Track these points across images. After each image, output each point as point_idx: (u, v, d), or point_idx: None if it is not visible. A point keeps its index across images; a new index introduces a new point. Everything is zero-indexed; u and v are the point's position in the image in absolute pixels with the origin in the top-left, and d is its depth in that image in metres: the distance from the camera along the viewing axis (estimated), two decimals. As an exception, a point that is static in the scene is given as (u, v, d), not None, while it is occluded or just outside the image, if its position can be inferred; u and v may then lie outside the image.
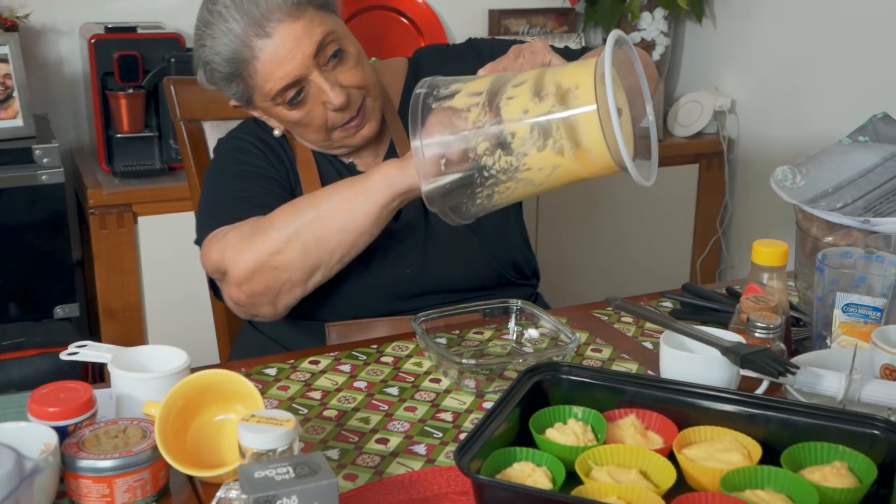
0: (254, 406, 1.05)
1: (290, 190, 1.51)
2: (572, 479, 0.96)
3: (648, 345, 1.39)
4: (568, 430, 1.02)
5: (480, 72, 1.29)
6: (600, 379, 1.08)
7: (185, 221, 2.29)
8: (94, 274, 2.31)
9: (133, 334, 2.34)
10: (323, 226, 1.30)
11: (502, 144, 1.14)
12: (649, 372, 1.30)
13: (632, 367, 1.32)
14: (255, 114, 1.51)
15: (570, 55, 1.56)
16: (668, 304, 1.54)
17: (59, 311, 2.30)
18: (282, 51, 1.35)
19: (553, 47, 1.49)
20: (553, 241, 2.76)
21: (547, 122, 1.11)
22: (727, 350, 1.07)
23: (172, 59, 2.31)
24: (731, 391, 1.04)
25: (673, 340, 1.15)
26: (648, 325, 1.46)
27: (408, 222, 1.51)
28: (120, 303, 2.33)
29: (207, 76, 1.44)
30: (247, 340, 1.61)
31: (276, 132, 1.53)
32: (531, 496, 0.89)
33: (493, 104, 1.15)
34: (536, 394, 1.07)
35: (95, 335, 2.41)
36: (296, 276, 1.32)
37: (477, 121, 1.15)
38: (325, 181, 1.52)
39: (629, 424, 1.03)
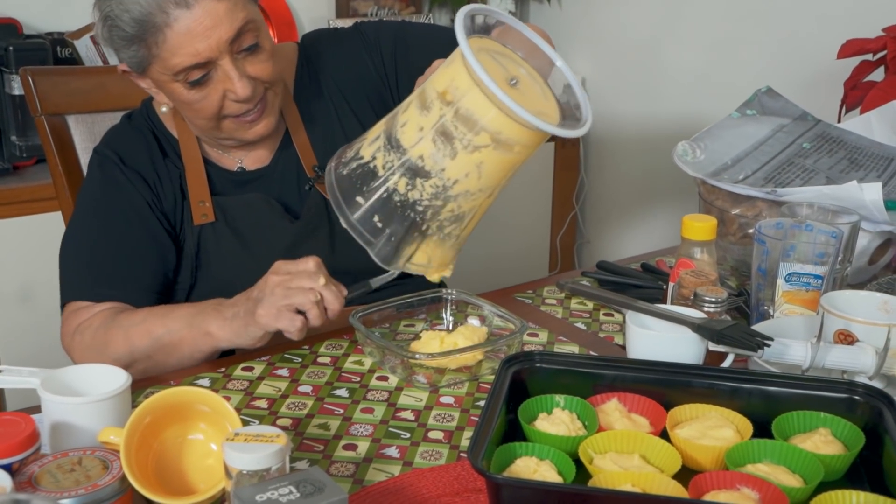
0: (219, 424, 0.96)
1: (163, 211, 1.42)
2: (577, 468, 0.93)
3: (581, 325, 1.39)
4: (556, 419, 0.99)
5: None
6: (577, 365, 1.06)
7: (38, 225, 2.13)
8: (-67, 288, 2.10)
9: (-19, 354, 2.14)
10: (157, 361, 1.29)
11: (417, 171, 1.09)
12: (591, 352, 1.29)
13: (573, 348, 1.31)
14: (143, 84, 1.39)
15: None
16: (586, 282, 1.54)
17: None
18: (199, 27, 1.25)
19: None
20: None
21: (443, 128, 1.06)
22: (699, 327, 1.08)
23: (10, 48, 2.12)
24: (711, 367, 1.05)
25: (636, 320, 1.15)
26: (574, 305, 1.46)
27: (310, 220, 1.45)
28: (-36, 318, 2.12)
29: (106, 33, 1.31)
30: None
31: (164, 108, 1.43)
32: (551, 492, 0.86)
33: (391, 139, 1.11)
34: (514, 384, 1.03)
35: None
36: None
37: (385, 163, 1.11)
38: (214, 189, 1.44)
39: (613, 409, 1.02)
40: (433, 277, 1.18)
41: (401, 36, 1.53)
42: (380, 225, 1.12)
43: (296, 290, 1.18)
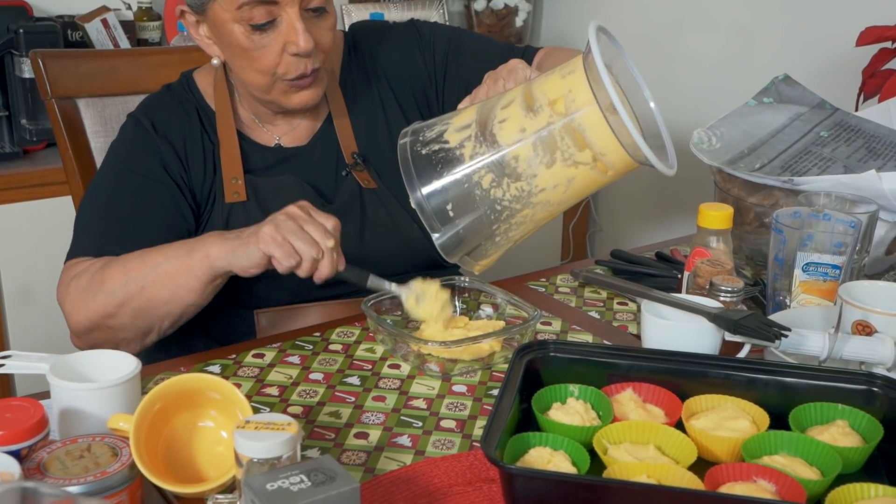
0: (230, 411, 0.95)
1: (189, 185, 1.40)
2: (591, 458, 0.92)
3: (595, 314, 1.37)
4: (570, 409, 0.98)
5: (460, 105, 1.23)
6: (592, 354, 1.04)
7: (48, 209, 2.12)
8: (-58, 272, 2.10)
9: (-9, 338, 2.14)
10: (149, 296, 1.26)
11: (507, 171, 1.08)
12: (605, 341, 1.28)
13: (587, 337, 1.29)
14: (199, 32, 1.38)
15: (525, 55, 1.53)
16: (600, 270, 1.52)
17: None
18: None
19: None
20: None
21: (549, 135, 1.05)
22: (716, 317, 1.06)
23: (21, 31, 2.11)
24: (728, 358, 1.04)
25: (652, 309, 1.13)
26: (588, 294, 1.44)
27: (342, 206, 1.43)
28: (-26, 302, 2.12)
29: None
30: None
31: (215, 61, 1.41)
32: (565, 483, 0.85)
33: (486, 132, 1.08)
34: (528, 373, 1.02)
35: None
36: (130, 335, 1.30)
37: (474, 154, 1.09)
38: (248, 166, 1.42)
39: (628, 399, 1.01)
40: (476, 270, 1.19)
41: (455, 43, 1.53)
42: (451, 214, 1.11)
43: (305, 235, 1.17)
